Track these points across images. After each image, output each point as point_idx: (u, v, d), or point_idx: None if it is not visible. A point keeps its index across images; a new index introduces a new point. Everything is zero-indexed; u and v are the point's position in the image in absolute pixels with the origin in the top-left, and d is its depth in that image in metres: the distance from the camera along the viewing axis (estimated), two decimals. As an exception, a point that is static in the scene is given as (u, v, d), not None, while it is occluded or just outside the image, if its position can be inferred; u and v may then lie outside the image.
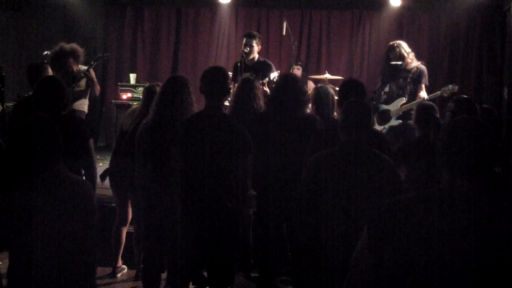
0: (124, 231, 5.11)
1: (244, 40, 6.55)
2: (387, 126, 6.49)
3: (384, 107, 6.60)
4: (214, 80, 3.89)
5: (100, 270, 5.18)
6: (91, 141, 4.07)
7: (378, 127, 6.44)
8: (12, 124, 4.69)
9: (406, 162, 4.52)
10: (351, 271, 1.93)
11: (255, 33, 6.78)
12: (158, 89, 4.82)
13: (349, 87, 4.08)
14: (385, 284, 1.82)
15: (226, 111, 4.71)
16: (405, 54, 6.53)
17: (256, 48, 6.47)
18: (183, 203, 3.86)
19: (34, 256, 2.59)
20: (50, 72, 5.24)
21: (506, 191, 3.39)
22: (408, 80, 6.46)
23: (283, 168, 4.16)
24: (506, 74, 8.71)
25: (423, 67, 6.52)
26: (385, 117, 6.55)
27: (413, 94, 6.42)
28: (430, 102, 4.84)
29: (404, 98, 6.41)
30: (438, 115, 4.61)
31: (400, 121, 6.42)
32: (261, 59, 6.57)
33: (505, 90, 8.60)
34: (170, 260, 4.29)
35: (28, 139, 2.68)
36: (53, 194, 2.63)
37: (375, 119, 6.60)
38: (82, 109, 7.18)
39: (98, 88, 7.27)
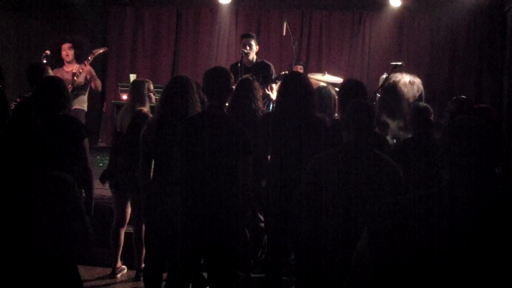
0: (123, 232, 5.10)
1: (243, 40, 6.55)
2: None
3: (385, 118, 6.61)
4: (216, 80, 3.88)
5: (100, 271, 5.18)
6: (87, 140, 4.07)
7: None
8: (11, 124, 4.69)
9: (404, 162, 4.51)
10: (351, 271, 1.93)
11: (253, 33, 6.79)
12: (146, 84, 4.85)
13: (349, 88, 4.07)
14: (385, 284, 1.81)
15: (225, 111, 4.70)
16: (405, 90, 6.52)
17: (255, 48, 6.48)
18: (183, 203, 3.85)
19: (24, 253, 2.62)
20: (50, 72, 5.25)
21: (506, 191, 3.39)
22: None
23: (293, 169, 4.12)
24: (506, 74, 8.71)
25: (419, 82, 6.53)
26: (384, 129, 6.55)
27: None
28: (424, 104, 4.84)
29: (402, 122, 6.39)
30: (432, 117, 4.61)
31: (394, 141, 6.39)
32: (259, 60, 6.57)
33: (505, 90, 8.61)
34: (170, 260, 4.29)
35: (16, 141, 2.68)
36: (39, 195, 2.63)
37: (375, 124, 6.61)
38: (82, 108, 7.15)
39: (99, 82, 7.21)
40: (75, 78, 6.84)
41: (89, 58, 6.99)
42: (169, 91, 4.15)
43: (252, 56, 6.49)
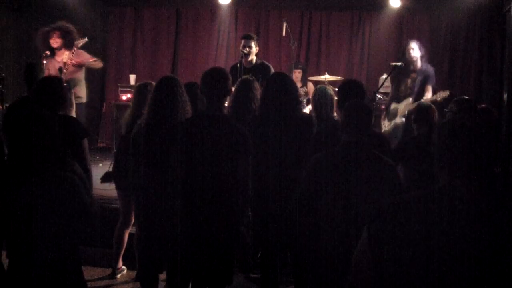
0: (127, 233, 5.05)
1: (243, 41, 6.56)
2: (392, 123, 6.74)
3: (394, 105, 6.89)
4: (215, 81, 3.88)
5: (100, 271, 5.18)
6: (86, 141, 4.07)
7: (386, 123, 6.87)
8: (3, 124, 4.66)
9: (403, 161, 4.52)
10: (353, 270, 1.93)
11: (253, 35, 6.80)
12: (149, 87, 4.80)
13: (348, 88, 4.07)
14: (386, 283, 1.81)
15: (226, 112, 4.68)
16: (414, 55, 6.85)
17: (254, 49, 6.50)
18: (183, 203, 3.85)
19: (33, 252, 2.63)
20: (47, 72, 5.24)
21: (506, 191, 3.40)
22: (416, 81, 6.74)
23: (281, 168, 4.15)
24: (505, 75, 8.69)
25: (430, 70, 6.83)
26: (393, 114, 6.83)
27: (419, 95, 6.68)
28: (428, 103, 4.88)
29: (411, 99, 6.66)
30: (436, 116, 4.62)
31: (403, 119, 6.64)
32: (259, 61, 6.58)
33: (505, 91, 8.60)
34: (169, 260, 4.28)
35: (26, 137, 2.69)
36: (50, 194, 2.65)
37: (385, 115, 7.00)
38: (79, 101, 6.99)
39: (94, 64, 7.06)
40: (64, 70, 6.78)
41: (73, 51, 6.90)
42: (157, 93, 4.14)
43: (252, 57, 6.50)
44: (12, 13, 8.98)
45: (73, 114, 6.93)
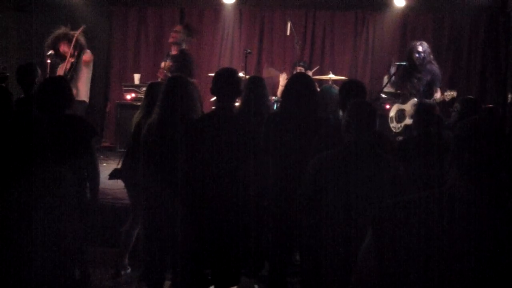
0: (135, 233, 5.00)
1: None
2: (402, 124, 6.84)
3: (401, 106, 6.92)
4: (225, 82, 3.88)
5: (104, 270, 5.16)
6: (93, 140, 4.07)
7: (396, 125, 6.96)
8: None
9: (405, 160, 4.51)
10: (357, 270, 1.93)
11: (187, 27, 7.54)
12: (160, 87, 4.76)
13: (349, 88, 4.05)
14: (390, 283, 1.81)
15: (234, 112, 4.67)
16: (420, 56, 6.90)
17: (181, 37, 7.16)
18: (185, 203, 3.84)
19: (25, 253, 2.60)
20: (40, 73, 5.23)
21: (508, 192, 3.38)
22: (422, 81, 6.79)
23: (297, 168, 4.11)
24: (510, 75, 8.69)
25: (437, 70, 6.88)
26: (401, 115, 6.89)
27: (425, 95, 6.72)
28: (430, 101, 4.86)
29: (416, 99, 6.65)
30: (437, 115, 4.60)
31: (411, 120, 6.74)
32: (183, 51, 7.24)
33: (509, 91, 8.59)
34: (173, 260, 4.28)
35: (15, 138, 2.65)
36: (40, 191, 2.61)
37: (393, 116, 7.05)
38: (82, 99, 7.06)
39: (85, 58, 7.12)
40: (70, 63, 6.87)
41: (72, 43, 6.99)
42: (168, 92, 4.14)
43: (177, 43, 7.26)
44: (14, 13, 8.99)
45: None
